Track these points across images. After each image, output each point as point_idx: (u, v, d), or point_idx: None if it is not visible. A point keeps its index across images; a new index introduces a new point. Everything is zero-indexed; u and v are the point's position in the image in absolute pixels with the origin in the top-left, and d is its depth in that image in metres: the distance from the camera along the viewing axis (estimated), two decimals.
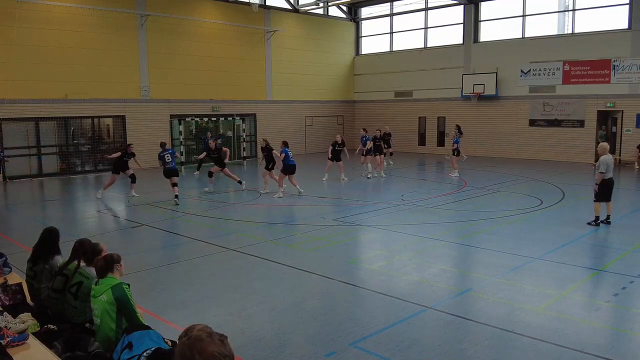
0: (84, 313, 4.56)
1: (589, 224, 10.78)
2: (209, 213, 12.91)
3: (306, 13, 28.40)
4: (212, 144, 16.08)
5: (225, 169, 15.72)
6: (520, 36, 24.61)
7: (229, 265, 8.55)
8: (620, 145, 21.97)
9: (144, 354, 3.53)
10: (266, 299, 6.86)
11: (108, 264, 4.30)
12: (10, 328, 3.91)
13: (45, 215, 13.40)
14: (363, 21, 31.20)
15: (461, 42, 26.51)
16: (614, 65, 21.67)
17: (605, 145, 10.82)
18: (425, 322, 6.10)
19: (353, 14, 31.00)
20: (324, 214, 12.47)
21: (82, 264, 4.78)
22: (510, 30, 24.93)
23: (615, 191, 11.07)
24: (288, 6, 27.70)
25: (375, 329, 5.87)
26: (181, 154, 21.33)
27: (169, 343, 3.89)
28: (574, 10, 23.27)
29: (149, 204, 13.87)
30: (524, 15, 24.52)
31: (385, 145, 20.73)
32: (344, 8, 30.37)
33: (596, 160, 12.48)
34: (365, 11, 30.92)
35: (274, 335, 5.76)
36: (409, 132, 28.56)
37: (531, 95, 24.14)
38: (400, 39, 29.47)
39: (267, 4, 26.68)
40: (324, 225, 11.32)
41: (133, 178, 14.99)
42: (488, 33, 25.88)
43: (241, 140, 24.45)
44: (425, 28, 28.23)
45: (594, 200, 10.82)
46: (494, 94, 24.86)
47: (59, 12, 19.70)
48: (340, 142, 17.79)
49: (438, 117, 27.67)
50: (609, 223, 10.76)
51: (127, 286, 4.25)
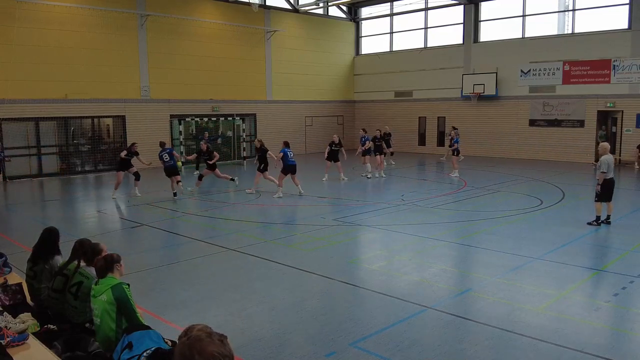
0: (84, 313, 4.57)
1: (589, 223, 10.79)
2: (209, 213, 12.91)
3: (306, 13, 28.40)
4: (204, 146, 16.15)
5: (217, 170, 15.80)
6: (520, 36, 24.61)
7: (229, 265, 8.55)
8: (620, 145, 21.97)
9: (144, 354, 3.53)
10: (266, 299, 6.86)
11: (108, 264, 4.31)
12: (10, 328, 3.91)
13: (45, 215, 13.41)
14: (363, 21, 31.19)
15: (461, 42, 26.50)
16: (614, 65, 21.66)
17: (606, 145, 10.84)
18: (425, 322, 6.10)
19: (353, 14, 30.99)
20: (324, 214, 12.48)
21: (82, 264, 4.79)
22: (510, 30, 24.93)
23: (615, 191, 11.06)
24: (288, 6, 27.70)
25: (375, 329, 5.87)
26: (181, 154, 21.31)
27: (169, 343, 3.89)
28: (574, 10, 23.26)
29: (149, 204, 13.88)
30: (524, 15, 24.52)
31: (385, 145, 20.73)
32: (344, 8, 30.37)
33: (597, 160, 12.48)
34: (365, 11, 30.92)
35: (274, 335, 5.76)
36: (409, 132, 28.55)
37: (531, 95, 24.13)
38: (400, 39, 29.47)
39: (267, 4, 26.68)
40: (324, 225, 11.32)
41: (137, 176, 15.09)
42: (488, 33, 25.88)
43: (241, 140, 24.47)
44: (425, 28, 28.23)
45: (595, 200, 10.82)
46: (494, 94, 24.86)
47: (59, 12, 19.71)
48: (337, 142, 17.79)
49: (438, 117, 27.66)
50: (609, 223, 10.77)
51: (127, 286, 4.26)
